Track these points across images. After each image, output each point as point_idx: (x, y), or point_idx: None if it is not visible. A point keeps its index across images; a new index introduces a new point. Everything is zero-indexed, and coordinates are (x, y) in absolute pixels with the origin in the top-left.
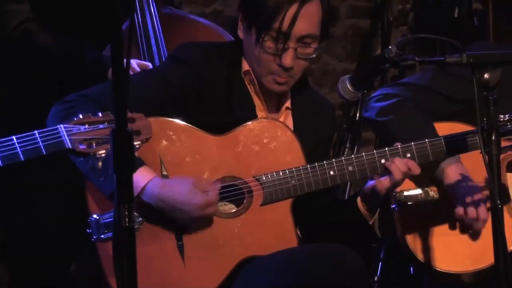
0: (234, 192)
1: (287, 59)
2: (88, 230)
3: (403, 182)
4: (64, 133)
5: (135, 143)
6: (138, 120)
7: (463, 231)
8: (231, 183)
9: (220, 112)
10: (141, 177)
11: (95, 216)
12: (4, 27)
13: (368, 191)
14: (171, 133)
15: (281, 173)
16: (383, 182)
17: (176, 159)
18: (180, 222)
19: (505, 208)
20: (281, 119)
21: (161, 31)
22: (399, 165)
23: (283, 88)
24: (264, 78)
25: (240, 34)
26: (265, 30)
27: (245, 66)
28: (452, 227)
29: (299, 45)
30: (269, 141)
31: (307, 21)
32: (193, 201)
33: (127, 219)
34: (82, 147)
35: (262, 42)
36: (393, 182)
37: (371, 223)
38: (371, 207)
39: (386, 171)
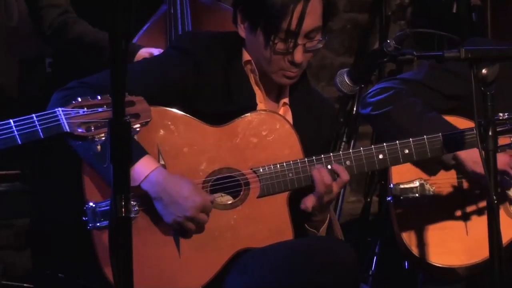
0: (231, 184)
1: (298, 55)
2: (84, 218)
3: (335, 196)
4: (62, 116)
5: (135, 126)
6: (137, 103)
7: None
8: (228, 174)
9: (220, 101)
10: (146, 165)
11: (91, 204)
12: (45, 22)
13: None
14: (169, 122)
15: (278, 166)
16: (307, 202)
17: (174, 149)
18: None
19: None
20: (280, 113)
21: (190, 19)
22: (324, 176)
23: (293, 81)
24: (274, 74)
25: (241, 33)
26: (273, 32)
27: (246, 56)
28: (448, 222)
29: (307, 40)
30: (267, 134)
31: (312, 16)
32: (194, 198)
33: (123, 209)
34: (80, 130)
35: (272, 44)
36: (317, 197)
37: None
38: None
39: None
